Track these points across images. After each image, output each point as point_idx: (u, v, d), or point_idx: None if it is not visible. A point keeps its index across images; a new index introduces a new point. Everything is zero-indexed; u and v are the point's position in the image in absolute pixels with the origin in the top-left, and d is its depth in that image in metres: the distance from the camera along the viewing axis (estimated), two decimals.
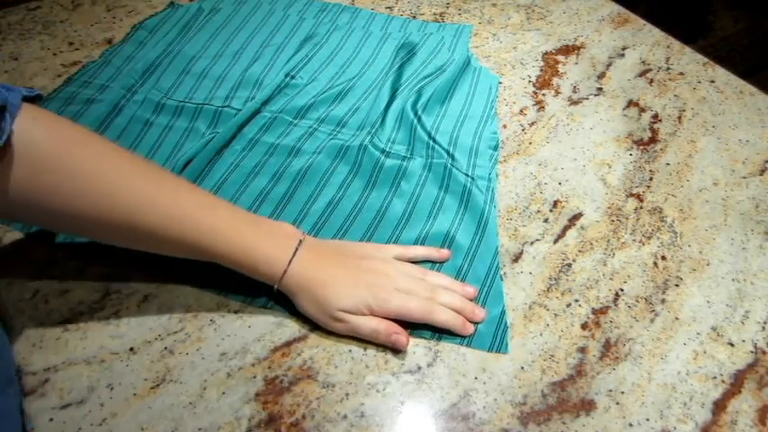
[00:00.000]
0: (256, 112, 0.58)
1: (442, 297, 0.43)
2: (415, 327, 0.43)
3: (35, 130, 0.37)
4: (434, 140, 0.56)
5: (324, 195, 0.51)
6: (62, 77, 0.60)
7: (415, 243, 0.48)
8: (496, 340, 0.43)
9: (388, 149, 0.55)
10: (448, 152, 0.55)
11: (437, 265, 0.47)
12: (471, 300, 0.45)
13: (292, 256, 0.42)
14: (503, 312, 0.44)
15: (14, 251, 0.46)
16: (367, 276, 0.43)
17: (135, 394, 0.39)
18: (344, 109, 0.59)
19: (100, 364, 0.41)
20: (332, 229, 0.49)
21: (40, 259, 0.46)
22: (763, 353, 0.43)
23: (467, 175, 0.53)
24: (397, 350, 0.42)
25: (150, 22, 0.68)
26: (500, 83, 0.64)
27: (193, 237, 0.40)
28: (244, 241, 0.41)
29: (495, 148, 0.56)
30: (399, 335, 0.41)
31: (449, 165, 0.54)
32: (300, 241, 0.43)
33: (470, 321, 0.43)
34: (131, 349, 0.42)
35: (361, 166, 0.54)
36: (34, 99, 0.40)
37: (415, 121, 0.58)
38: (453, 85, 0.63)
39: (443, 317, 0.42)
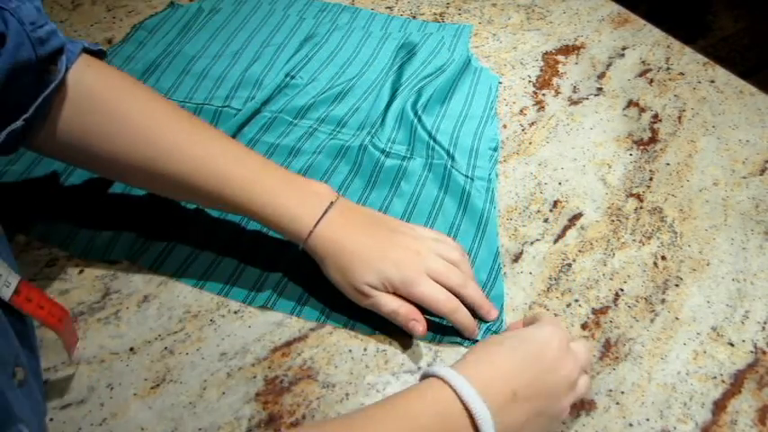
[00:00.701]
0: (256, 112, 0.58)
1: (471, 290, 0.42)
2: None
3: (86, 75, 0.41)
4: (435, 140, 0.56)
5: None
6: None
7: None
8: None
9: (388, 149, 0.55)
10: (448, 153, 0.55)
11: None
12: None
13: (321, 217, 0.41)
14: (500, 311, 0.44)
15: (15, 251, 0.46)
16: (396, 252, 0.41)
17: (135, 394, 0.39)
18: (344, 109, 0.59)
19: (100, 364, 0.41)
20: None
21: (40, 259, 0.46)
22: (763, 353, 0.43)
23: (466, 177, 0.53)
24: (403, 346, 0.42)
25: (150, 22, 0.67)
26: (500, 83, 0.64)
27: (217, 186, 0.41)
28: (268, 196, 0.41)
29: (495, 149, 0.56)
30: (417, 322, 0.40)
31: (449, 166, 0.54)
32: (332, 203, 0.42)
33: (483, 320, 0.43)
34: (131, 349, 0.42)
35: (361, 166, 0.54)
36: (97, 54, 0.44)
37: (416, 120, 0.58)
38: (453, 85, 0.63)
39: (463, 319, 0.42)
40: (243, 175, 0.41)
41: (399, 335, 0.43)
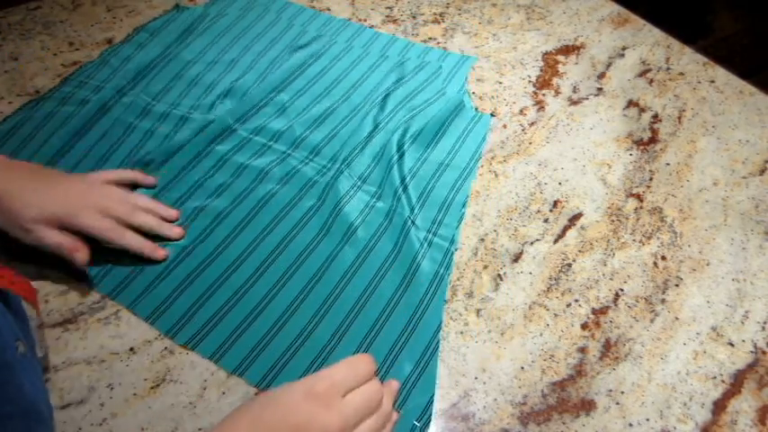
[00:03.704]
0: (232, 129, 0.56)
1: (140, 218, 0.46)
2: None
3: None
4: (405, 189, 0.53)
5: (280, 228, 0.49)
6: (62, 77, 0.60)
7: (360, 298, 0.45)
8: None
9: (357, 186, 0.53)
10: (413, 209, 0.51)
11: (373, 336, 0.43)
12: None
13: None
14: (430, 402, 0.40)
15: (15, 251, 0.46)
16: (60, 188, 0.43)
17: (135, 394, 0.39)
18: (322, 135, 0.57)
19: (100, 364, 0.41)
20: (278, 271, 0.47)
21: (40, 259, 0.46)
22: (763, 353, 0.43)
23: (424, 239, 0.49)
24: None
25: (153, 24, 0.67)
26: (492, 115, 0.62)
27: None
28: None
29: (464, 204, 0.53)
30: (79, 252, 0.43)
31: (408, 223, 0.50)
32: None
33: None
34: (131, 349, 0.42)
35: (323, 204, 0.51)
36: None
37: (396, 158, 0.55)
38: (442, 128, 0.59)
39: (133, 241, 0.45)
40: None
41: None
